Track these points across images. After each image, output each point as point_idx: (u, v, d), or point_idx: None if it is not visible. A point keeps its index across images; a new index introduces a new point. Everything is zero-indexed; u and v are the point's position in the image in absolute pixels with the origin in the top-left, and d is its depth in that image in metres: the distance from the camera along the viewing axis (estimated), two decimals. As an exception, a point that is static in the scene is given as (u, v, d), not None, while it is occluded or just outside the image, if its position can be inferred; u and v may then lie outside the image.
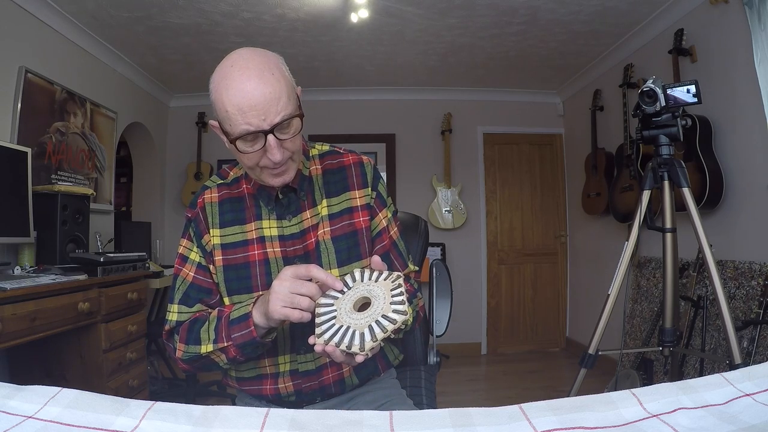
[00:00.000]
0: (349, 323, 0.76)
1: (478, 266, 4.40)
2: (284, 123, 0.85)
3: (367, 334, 0.74)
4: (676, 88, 1.60)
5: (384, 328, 0.74)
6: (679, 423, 0.42)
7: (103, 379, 2.15)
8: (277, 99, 0.83)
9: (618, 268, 1.70)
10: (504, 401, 0.67)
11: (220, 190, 1.02)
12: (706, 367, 2.34)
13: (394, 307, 0.76)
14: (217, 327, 0.88)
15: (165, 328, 0.98)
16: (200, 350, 0.90)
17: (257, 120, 0.82)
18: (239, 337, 0.86)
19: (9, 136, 2.39)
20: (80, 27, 2.92)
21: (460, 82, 4.27)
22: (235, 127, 0.83)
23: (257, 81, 0.82)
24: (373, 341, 0.73)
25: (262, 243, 0.97)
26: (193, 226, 1.00)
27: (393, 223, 1.06)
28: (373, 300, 0.78)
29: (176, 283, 0.99)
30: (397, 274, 0.81)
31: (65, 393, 0.46)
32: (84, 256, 2.29)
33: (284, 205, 0.98)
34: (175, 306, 0.98)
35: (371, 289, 0.80)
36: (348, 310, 0.78)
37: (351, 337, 0.74)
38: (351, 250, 0.98)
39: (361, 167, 1.05)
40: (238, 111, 0.82)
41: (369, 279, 0.82)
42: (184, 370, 0.97)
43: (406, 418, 0.44)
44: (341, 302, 0.79)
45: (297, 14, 2.93)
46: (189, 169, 4.27)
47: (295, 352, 0.97)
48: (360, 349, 0.73)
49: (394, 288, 0.78)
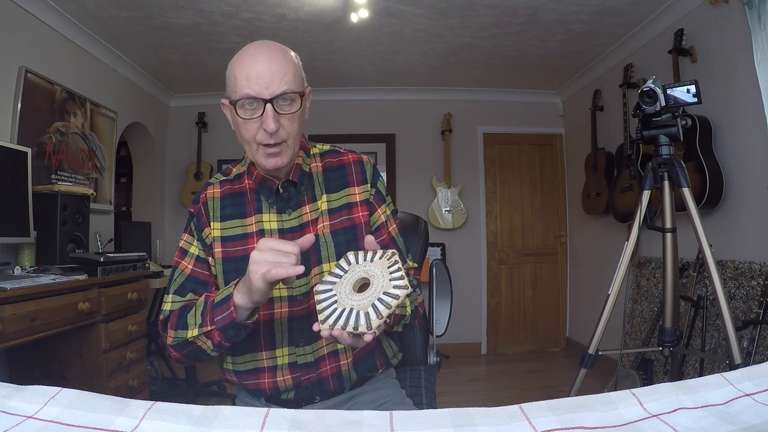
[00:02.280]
0: (351, 305, 0.76)
1: (478, 266, 4.40)
2: (285, 97, 0.90)
3: (372, 312, 0.74)
4: (676, 88, 1.60)
5: (388, 305, 0.74)
6: (679, 423, 0.42)
7: (103, 379, 2.15)
8: (282, 74, 0.89)
9: (618, 268, 1.70)
10: (504, 401, 0.67)
11: (222, 185, 1.04)
12: (706, 367, 2.34)
13: (394, 283, 0.76)
14: (204, 312, 0.89)
15: (160, 318, 1.00)
16: (187, 335, 0.90)
17: (260, 87, 0.88)
18: (221, 320, 0.86)
19: (9, 136, 2.39)
20: (80, 27, 2.92)
21: (460, 82, 4.27)
22: (239, 92, 0.89)
23: (268, 56, 0.91)
24: (378, 318, 0.73)
25: (261, 236, 0.98)
26: (195, 221, 1.02)
27: (392, 220, 1.08)
28: (371, 279, 0.78)
29: (174, 275, 1.01)
30: (391, 251, 0.81)
31: (65, 393, 0.46)
32: (84, 256, 2.29)
33: (284, 199, 1.00)
34: (170, 296, 0.99)
35: (368, 269, 0.80)
36: (348, 293, 0.78)
37: (356, 317, 0.74)
38: (350, 244, 1.00)
39: (361, 165, 1.07)
40: (244, 77, 0.89)
41: (364, 260, 0.82)
42: (175, 359, 0.98)
43: (406, 418, 0.44)
44: (340, 286, 0.80)
45: (297, 14, 2.93)
46: (189, 169, 4.28)
47: (293, 344, 0.98)
48: (367, 328, 0.73)
49: (391, 265, 0.79)
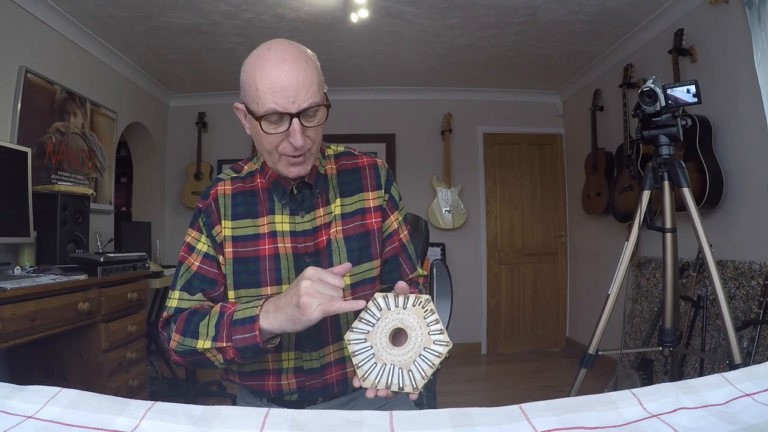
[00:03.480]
0: (392, 361, 0.73)
1: (478, 266, 4.40)
2: (310, 110, 0.87)
3: (415, 371, 0.72)
4: (676, 88, 1.60)
5: (431, 363, 0.71)
6: (679, 423, 0.42)
7: (103, 379, 2.15)
8: (308, 85, 0.85)
9: (618, 268, 1.70)
10: (504, 401, 0.66)
11: (233, 182, 1.01)
12: (706, 367, 2.34)
13: (434, 338, 0.73)
14: (218, 324, 0.85)
15: (163, 315, 0.96)
16: (197, 345, 0.86)
17: (286, 102, 0.84)
18: (241, 340, 0.82)
19: (9, 136, 2.39)
20: (80, 27, 2.92)
21: (460, 82, 4.27)
22: (263, 106, 0.85)
23: (292, 65, 0.85)
24: (423, 378, 0.71)
25: (273, 238, 0.96)
26: (204, 217, 0.99)
27: (403, 226, 1.06)
28: (408, 331, 0.74)
29: (180, 270, 0.98)
30: (426, 298, 0.76)
31: (65, 393, 0.46)
32: (84, 256, 2.29)
33: (298, 200, 0.98)
34: (177, 292, 0.96)
35: (402, 318, 0.75)
36: (385, 345, 0.74)
37: (399, 377, 0.72)
38: (362, 250, 0.98)
39: (375, 169, 1.05)
40: (268, 90, 0.84)
41: (396, 306, 0.76)
42: (175, 362, 0.94)
43: (406, 418, 0.44)
44: (374, 336, 0.75)
45: (297, 14, 2.93)
46: (189, 169, 4.27)
47: (300, 349, 0.96)
48: (414, 389, 0.71)
49: (428, 314, 0.74)
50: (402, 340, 0.75)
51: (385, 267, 1.04)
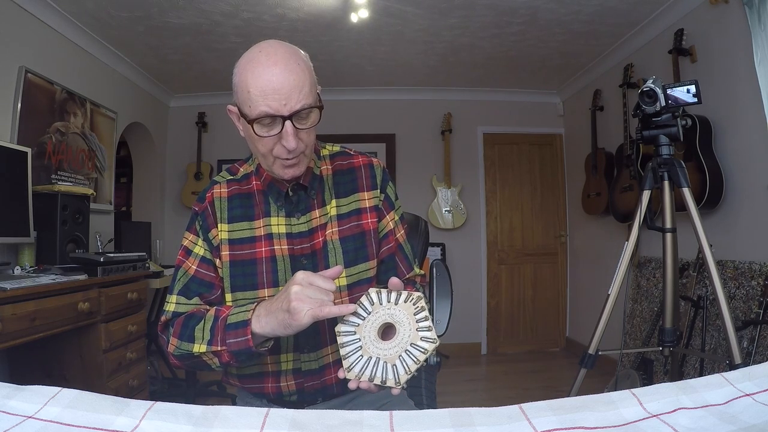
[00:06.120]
0: (377, 354, 0.73)
1: (478, 266, 4.40)
2: (303, 112, 0.86)
3: (399, 366, 0.72)
4: (676, 88, 1.60)
5: (416, 359, 0.72)
6: (679, 423, 0.42)
7: (103, 379, 2.15)
8: (299, 87, 0.84)
9: (618, 268, 1.70)
10: (504, 401, 0.67)
11: (229, 185, 1.01)
12: (706, 367, 2.34)
13: (421, 334, 0.73)
14: (213, 328, 0.86)
15: (161, 319, 0.97)
16: (193, 349, 0.87)
17: (278, 104, 0.83)
18: (234, 344, 0.83)
19: (9, 136, 2.39)
20: (80, 27, 2.92)
21: (460, 82, 4.27)
22: (255, 109, 0.84)
23: (283, 67, 0.84)
24: (407, 374, 0.72)
25: (269, 240, 0.97)
26: (200, 220, 0.99)
27: (400, 226, 1.06)
28: (397, 326, 0.75)
29: (177, 275, 0.98)
30: (418, 295, 0.77)
31: (65, 393, 0.46)
32: (84, 256, 2.29)
33: (294, 202, 0.98)
34: (174, 297, 0.96)
35: (393, 313, 0.76)
36: (373, 339, 0.75)
37: (383, 370, 0.72)
38: (358, 251, 0.98)
39: (371, 169, 1.05)
40: (260, 93, 0.83)
41: (388, 301, 0.78)
42: (174, 366, 0.94)
43: (406, 418, 0.44)
44: (363, 329, 0.76)
45: (297, 14, 2.93)
46: (189, 169, 4.27)
47: (298, 351, 0.96)
48: (396, 383, 0.71)
49: (417, 312, 0.75)
50: (391, 335, 0.76)
51: (382, 267, 1.04)
